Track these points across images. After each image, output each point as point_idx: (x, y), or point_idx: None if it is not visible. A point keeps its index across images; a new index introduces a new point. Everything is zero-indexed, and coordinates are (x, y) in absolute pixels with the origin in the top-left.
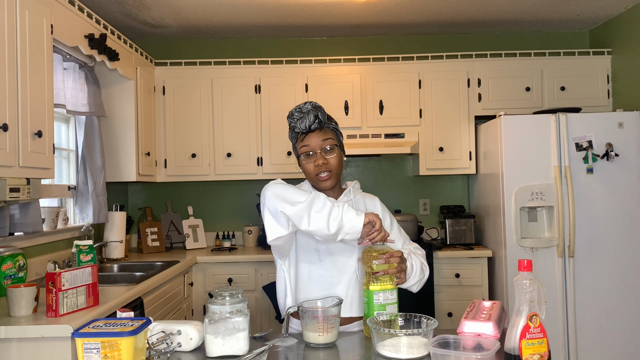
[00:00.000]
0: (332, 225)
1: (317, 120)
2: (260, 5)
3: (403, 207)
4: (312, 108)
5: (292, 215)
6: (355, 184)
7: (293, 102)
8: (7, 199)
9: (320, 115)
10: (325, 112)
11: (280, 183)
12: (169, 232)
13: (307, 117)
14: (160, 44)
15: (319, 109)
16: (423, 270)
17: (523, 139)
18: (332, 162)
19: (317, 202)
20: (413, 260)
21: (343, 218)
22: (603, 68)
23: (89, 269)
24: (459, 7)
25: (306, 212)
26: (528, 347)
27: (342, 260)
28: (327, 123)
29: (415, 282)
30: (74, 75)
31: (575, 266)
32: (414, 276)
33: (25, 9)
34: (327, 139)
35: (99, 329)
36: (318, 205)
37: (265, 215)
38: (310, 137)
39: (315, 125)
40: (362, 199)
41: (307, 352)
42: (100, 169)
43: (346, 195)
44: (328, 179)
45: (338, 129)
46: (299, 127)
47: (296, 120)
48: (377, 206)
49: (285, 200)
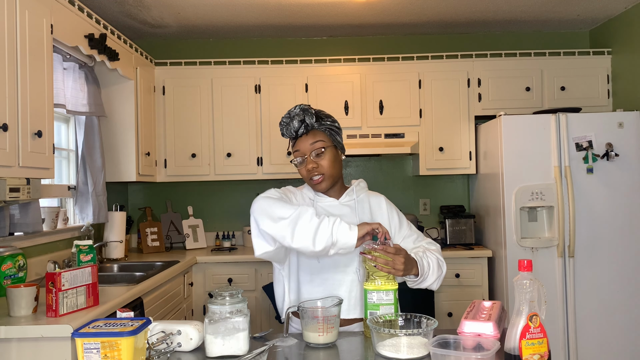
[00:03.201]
0: (318, 243)
1: (304, 124)
2: (260, 5)
3: (403, 207)
4: (299, 111)
5: (274, 234)
6: (360, 182)
7: (293, 102)
8: (7, 199)
9: (307, 119)
10: (313, 113)
11: (268, 196)
12: (169, 232)
13: (292, 123)
14: (160, 44)
15: (307, 111)
16: (440, 266)
17: (523, 139)
18: (323, 165)
19: (303, 218)
20: (429, 258)
21: (334, 234)
22: (603, 68)
23: (89, 269)
24: (459, 7)
25: (289, 229)
26: (528, 347)
27: (344, 261)
28: (316, 125)
29: (434, 280)
30: (74, 75)
31: (575, 266)
32: (432, 274)
33: (25, 9)
34: (317, 142)
35: (99, 329)
36: (303, 222)
37: (252, 230)
38: (300, 142)
39: (302, 130)
40: (367, 197)
41: (307, 352)
42: (100, 169)
43: (348, 194)
44: (321, 182)
45: (334, 127)
46: (286, 133)
47: (284, 126)
48: (382, 205)
49: (269, 217)
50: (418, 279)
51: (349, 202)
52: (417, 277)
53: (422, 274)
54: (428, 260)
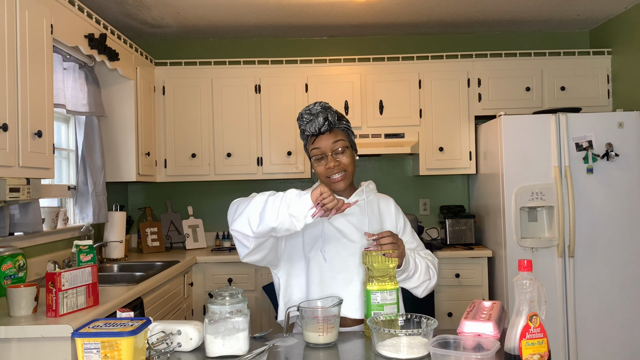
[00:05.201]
0: (269, 216)
1: (327, 122)
2: (260, 5)
3: (403, 207)
4: (321, 109)
5: (239, 230)
6: (369, 183)
7: (293, 102)
8: (7, 199)
9: (330, 117)
10: (335, 112)
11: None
12: (169, 232)
13: (316, 120)
14: (160, 44)
15: (329, 109)
16: (429, 272)
17: (523, 139)
18: (344, 163)
19: (256, 202)
20: (419, 260)
21: (284, 200)
22: (603, 68)
23: (89, 269)
24: (459, 7)
25: (245, 219)
26: (528, 347)
27: (352, 260)
28: (337, 124)
29: (420, 284)
30: (74, 75)
31: (575, 266)
32: (418, 277)
33: (25, 9)
34: (338, 141)
35: (99, 329)
36: (256, 205)
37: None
38: (321, 140)
39: (325, 127)
40: (376, 199)
41: (307, 352)
42: (100, 169)
43: (358, 194)
44: (341, 180)
45: (350, 128)
46: (309, 130)
47: (306, 123)
48: (391, 207)
49: (233, 218)
50: (400, 272)
51: (359, 202)
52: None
53: (405, 269)
54: (417, 260)
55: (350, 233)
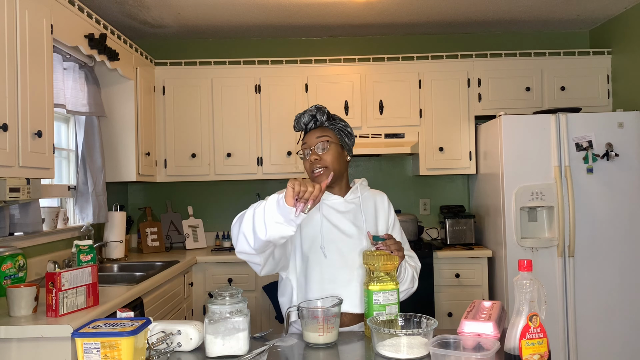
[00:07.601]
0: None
1: (314, 119)
2: (260, 5)
3: (403, 207)
4: (314, 109)
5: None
6: (362, 181)
7: (293, 102)
8: (7, 199)
9: (319, 115)
10: (327, 113)
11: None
12: (169, 232)
13: (304, 116)
14: (160, 44)
15: (321, 110)
16: (413, 281)
17: (523, 139)
18: (325, 159)
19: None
20: (408, 267)
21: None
22: (603, 68)
23: (89, 269)
24: (459, 7)
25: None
26: (528, 347)
27: (351, 256)
28: (327, 122)
29: (402, 291)
30: (74, 75)
31: (575, 266)
32: (402, 284)
33: (25, 9)
34: (323, 136)
35: (99, 329)
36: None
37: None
38: (308, 135)
39: (311, 124)
40: (372, 195)
41: (307, 352)
42: (100, 169)
43: (353, 192)
44: (321, 175)
45: (346, 130)
46: (296, 126)
47: (296, 120)
48: (385, 202)
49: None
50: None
51: (354, 200)
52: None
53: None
54: (408, 268)
55: (348, 229)
